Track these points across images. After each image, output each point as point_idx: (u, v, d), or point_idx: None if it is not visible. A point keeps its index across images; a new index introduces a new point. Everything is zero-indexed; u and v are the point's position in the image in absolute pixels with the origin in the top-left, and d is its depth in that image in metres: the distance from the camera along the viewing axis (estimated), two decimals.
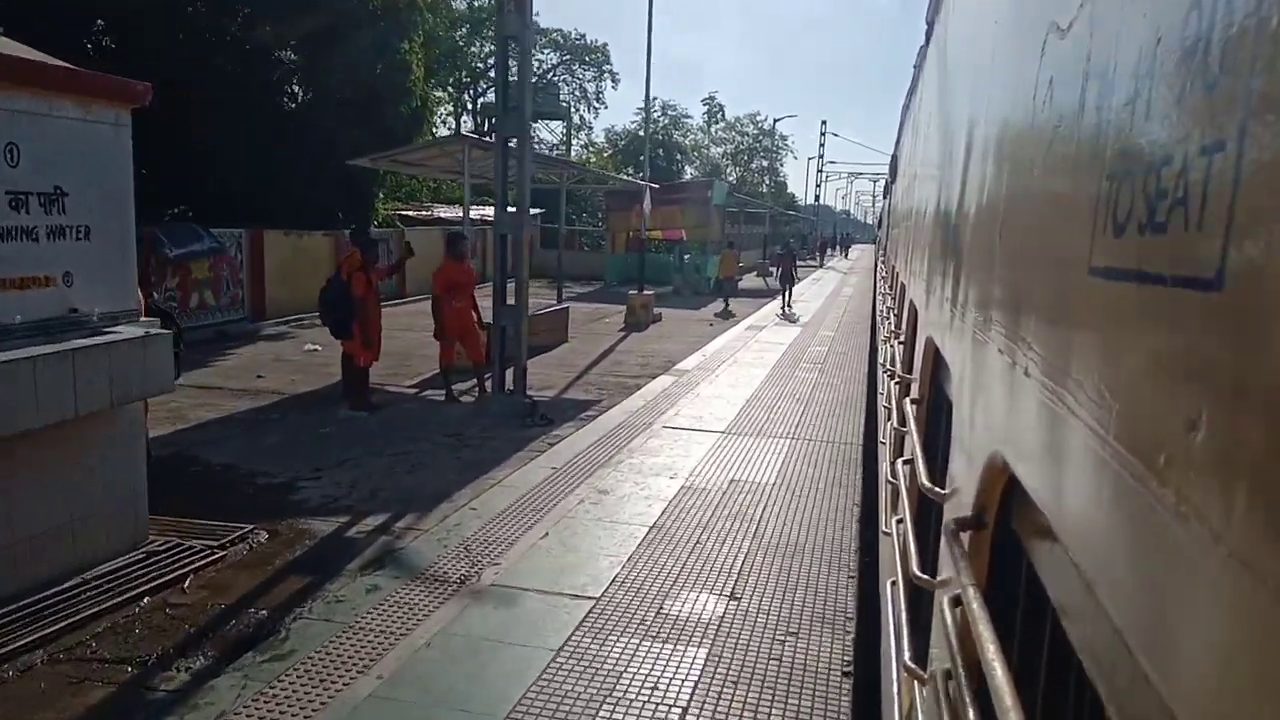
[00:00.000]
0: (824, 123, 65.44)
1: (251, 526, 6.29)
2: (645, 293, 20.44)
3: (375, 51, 18.19)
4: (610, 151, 58.56)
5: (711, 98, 69.77)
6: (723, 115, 68.50)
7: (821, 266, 49.69)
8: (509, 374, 10.24)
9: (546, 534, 6.22)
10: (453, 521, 6.40)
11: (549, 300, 26.07)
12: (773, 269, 30.77)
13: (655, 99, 63.28)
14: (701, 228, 31.95)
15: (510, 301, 10.04)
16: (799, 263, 29.08)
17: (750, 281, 33.62)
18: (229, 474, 7.73)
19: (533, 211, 36.89)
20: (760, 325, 20.00)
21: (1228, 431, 0.60)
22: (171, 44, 16.25)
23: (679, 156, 62.45)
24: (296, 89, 19.64)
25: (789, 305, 23.99)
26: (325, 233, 20.31)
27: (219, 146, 16.84)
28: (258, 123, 18.00)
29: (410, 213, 31.98)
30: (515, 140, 9.74)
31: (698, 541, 6.19)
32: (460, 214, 33.94)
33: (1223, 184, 0.62)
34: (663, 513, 6.75)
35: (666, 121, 63.50)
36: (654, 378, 12.83)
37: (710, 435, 9.30)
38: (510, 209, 9.87)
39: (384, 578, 5.36)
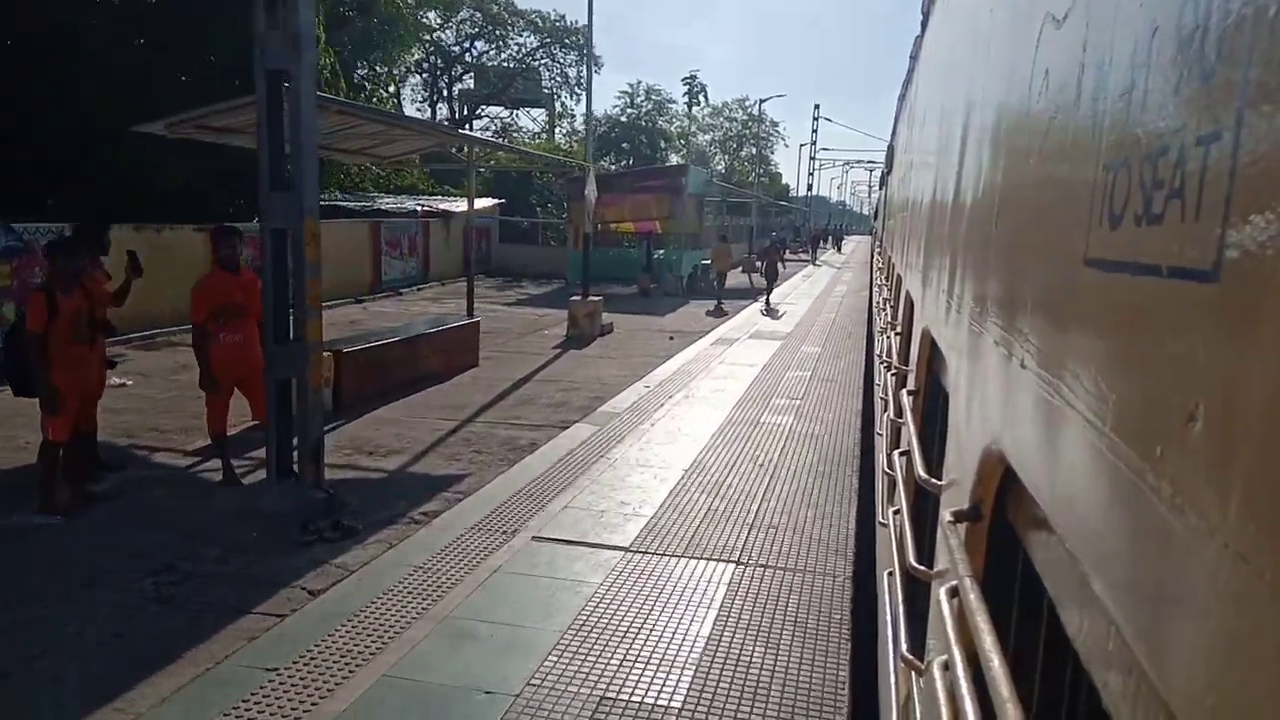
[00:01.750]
0: (816, 106, 61.10)
1: None
2: (592, 298, 16.63)
3: None
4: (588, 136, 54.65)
5: (692, 77, 63.11)
6: (705, 96, 63.03)
7: (814, 262, 44.37)
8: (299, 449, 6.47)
9: None
10: None
11: (494, 306, 22.31)
12: (759, 263, 27.69)
13: (639, 82, 59.14)
14: (675, 218, 28.23)
15: (294, 336, 6.28)
16: (788, 256, 26.92)
17: (734, 278, 29.95)
18: None
19: (492, 202, 33.30)
20: (731, 338, 16.26)
21: (1225, 423, 0.59)
22: None
23: (664, 144, 58.50)
24: (154, 52, 15.86)
25: (770, 302, 22.18)
26: (198, 227, 16.63)
27: (63, 125, 13.27)
28: (103, 87, 14.30)
29: (350, 204, 28.18)
30: (288, 77, 5.96)
31: None
32: (412, 205, 30.15)
33: (1220, 174, 0.62)
34: None
35: (650, 107, 59.38)
36: (565, 428, 9.11)
37: (603, 559, 5.59)
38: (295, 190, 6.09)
39: None
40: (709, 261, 28.87)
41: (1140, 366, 0.78)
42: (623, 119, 56.90)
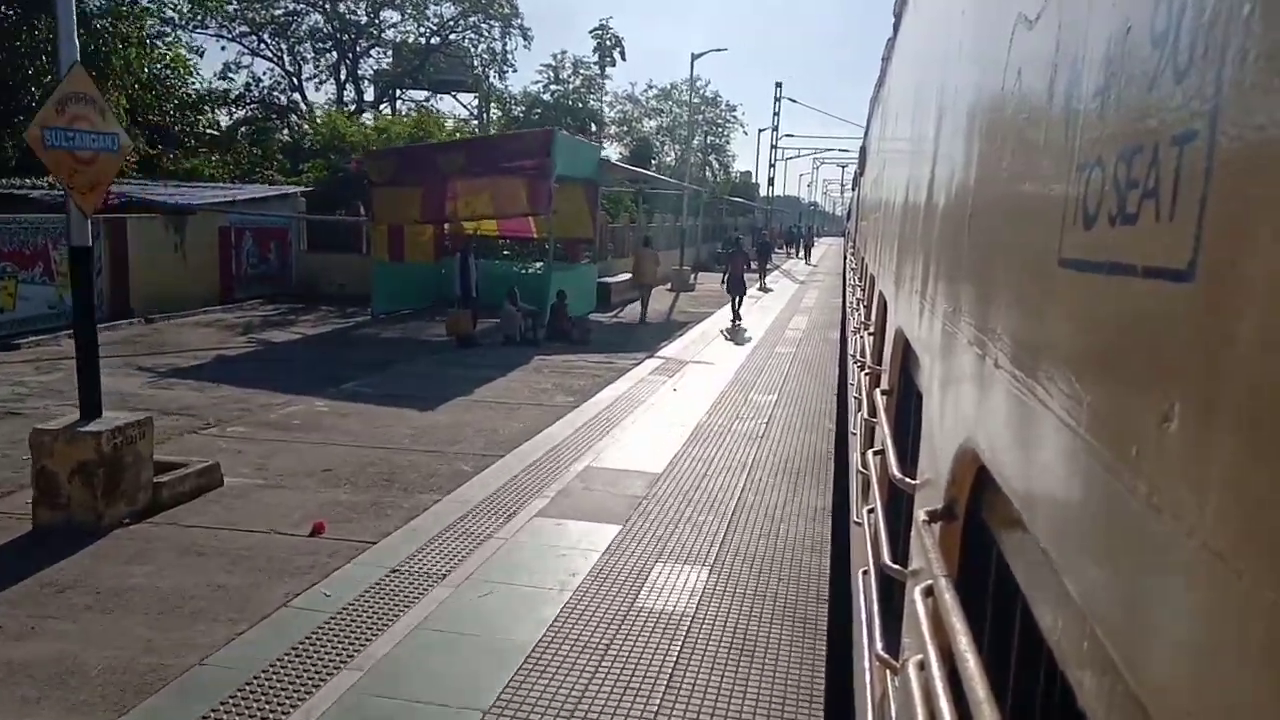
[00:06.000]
0: (779, 85, 51.09)
1: None
2: (112, 416, 6.21)
3: None
4: (505, 120, 44.30)
5: (603, 28, 46.54)
6: (622, 54, 48.42)
7: (761, 283, 30.07)
8: None
9: None
10: None
11: (134, 389, 10.30)
12: (723, 274, 20.19)
13: (565, 53, 48.32)
14: (542, 215, 18.42)
15: None
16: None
17: (657, 299, 20.34)
18: None
19: (291, 191, 23.09)
20: (503, 508, 6.40)
21: (1201, 423, 0.59)
22: None
23: (594, 128, 48.30)
24: None
25: (739, 318, 19.39)
26: None
27: None
28: None
29: (31, 191, 17.85)
30: None
31: None
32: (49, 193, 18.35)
33: (1194, 174, 0.61)
34: None
35: (578, 83, 48.98)
36: None
37: None
38: None
39: None
40: (628, 276, 19.84)
41: (1115, 366, 0.77)
42: (545, 97, 46.62)
